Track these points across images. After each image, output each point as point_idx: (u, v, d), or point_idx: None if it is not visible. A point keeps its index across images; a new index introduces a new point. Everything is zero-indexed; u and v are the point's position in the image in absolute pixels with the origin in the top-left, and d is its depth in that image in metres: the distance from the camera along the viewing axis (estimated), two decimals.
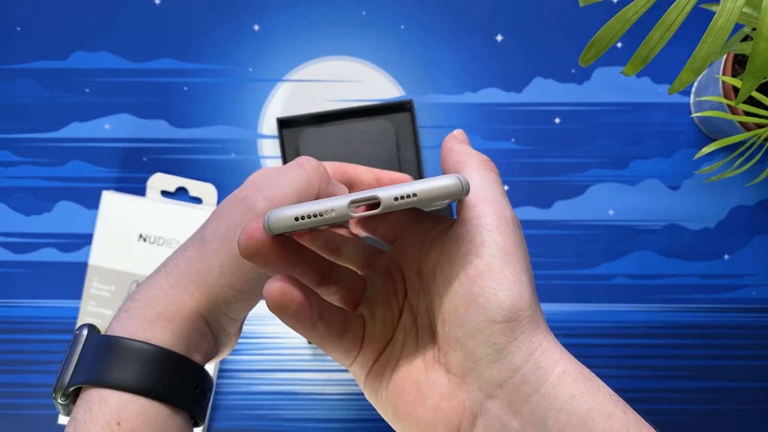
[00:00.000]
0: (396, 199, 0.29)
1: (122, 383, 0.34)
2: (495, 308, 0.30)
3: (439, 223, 0.35)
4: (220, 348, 0.40)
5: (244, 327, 0.65)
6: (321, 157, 0.62)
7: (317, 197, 0.38)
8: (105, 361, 0.35)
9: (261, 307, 0.65)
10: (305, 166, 0.38)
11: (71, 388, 0.35)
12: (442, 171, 0.38)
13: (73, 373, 0.35)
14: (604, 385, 0.31)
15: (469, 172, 0.35)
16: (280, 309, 0.30)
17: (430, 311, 0.34)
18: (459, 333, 0.31)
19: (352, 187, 0.43)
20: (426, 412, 0.32)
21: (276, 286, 0.30)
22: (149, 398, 0.34)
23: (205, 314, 0.37)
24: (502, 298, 0.30)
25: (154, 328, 0.35)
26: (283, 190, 0.37)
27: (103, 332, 0.36)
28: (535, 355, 0.30)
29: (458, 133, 0.38)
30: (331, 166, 0.42)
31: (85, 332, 0.36)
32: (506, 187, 0.65)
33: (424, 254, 0.35)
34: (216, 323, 0.38)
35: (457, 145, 0.37)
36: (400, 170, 0.64)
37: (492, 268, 0.31)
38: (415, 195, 0.29)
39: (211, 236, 0.37)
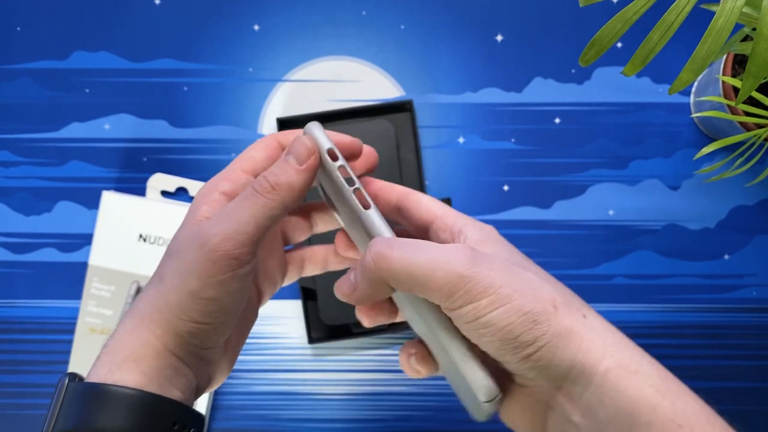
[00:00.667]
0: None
1: (92, 426, 0.34)
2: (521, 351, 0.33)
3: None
4: (210, 378, 0.39)
5: None
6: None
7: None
8: (75, 407, 0.35)
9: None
10: (259, 188, 0.36)
11: None
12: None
13: (54, 423, 0.35)
14: (657, 373, 0.34)
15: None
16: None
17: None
18: (510, 367, 0.35)
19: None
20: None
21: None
22: None
23: (174, 350, 0.36)
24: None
25: (122, 370, 0.35)
26: (238, 221, 0.35)
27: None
28: (578, 359, 0.33)
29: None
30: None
31: (65, 381, 0.36)
32: (506, 188, 0.65)
33: None
34: (189, 356, 0.37)
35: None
36: (400, 170, 0.64)
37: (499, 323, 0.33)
38: None
39: (168, 275, 0.36)
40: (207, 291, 0.35)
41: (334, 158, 0.37)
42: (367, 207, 0.36)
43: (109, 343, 0.36)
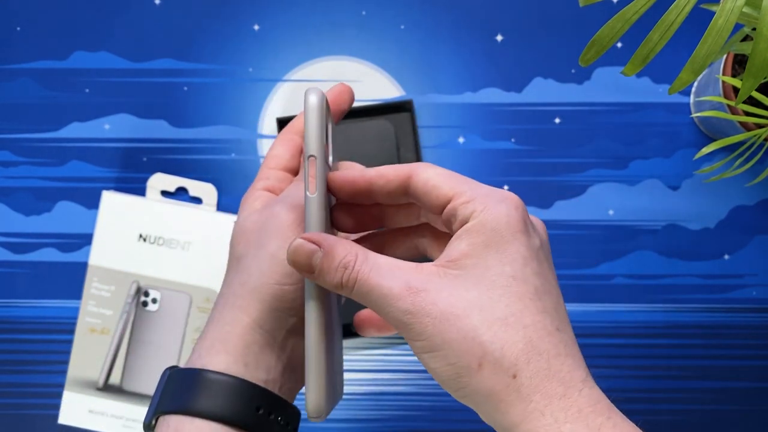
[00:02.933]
0: None
1: (179, 409, 0.35)
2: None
3: None
4: (294, 364, 0.39)
5: None
6: None
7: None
8: (165, 391, 0.37)
9: None
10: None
11: (149, 422, 0.37)
12: None
13: (148, 409, 0.38)
14: None
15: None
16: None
17: None
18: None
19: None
20: None
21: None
22: (208, 420, 0.35)
23: (260, 321, 0.37)
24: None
25: (210, 354, 0.36)
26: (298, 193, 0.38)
27: None
28: (496, 419, 0.32)
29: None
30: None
31: (168, 372, 0.38)
32: (506, 188, 0.65)
33: None
34: (278, 326, 0.37)
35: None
36: None
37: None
38: None
39: (242, 250, 0.38)
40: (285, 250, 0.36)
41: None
42: (312, 192, 0.35)
43: (203, 329, 0.38)
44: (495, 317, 0.32)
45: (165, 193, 0.66)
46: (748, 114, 0.57)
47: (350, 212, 0.38)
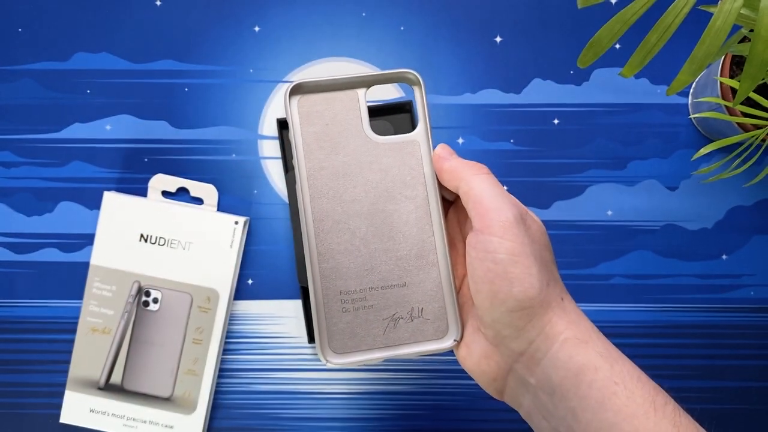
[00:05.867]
0: None
1: None
2: (511, 302, 0.40)
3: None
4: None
5: (243, 326, 0.65)
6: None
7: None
8: None
9: (260, 307, 0.66)
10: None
11: None
12: (439, 187, 0.46)
13: None
14: (602, 345, 0.40)
15: (467, 183, 0.42)
16: None
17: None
18: (488, 318, 0.41)
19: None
20: (472, 365, 0.43)
21: None
22: None
23: None
24: (516, 293, 0.40)
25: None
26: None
27: None
28: (545, 329, 0.40)
29: (441, 150, 0.45)
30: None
31: None
32: (505, 188, 0.66)
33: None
34: None
35: (446, 162, 0.44)
36: None
37: (505, 270, 0.40)
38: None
39: None
40: None
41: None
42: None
43: None
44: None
45: (166, 194, 0.66)
46: (745, 115, 0.57)
47: None
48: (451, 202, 0.48)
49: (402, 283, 0.45)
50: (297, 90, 0.45)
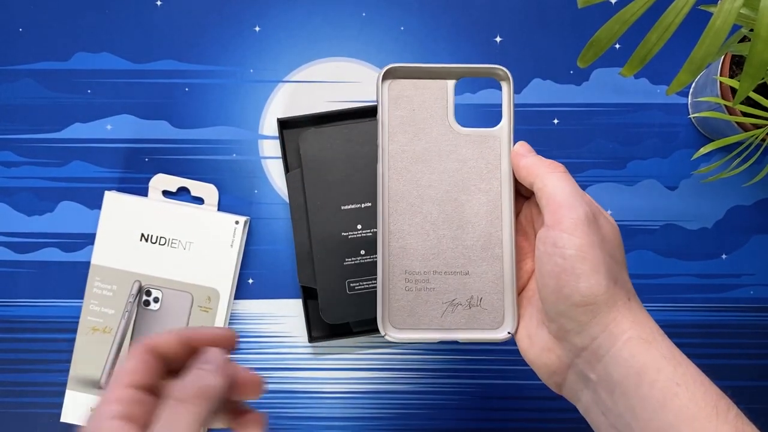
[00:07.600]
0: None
1: None
2: (577, 297, 0.40)
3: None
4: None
5: (244, 325, 0.65)
6: (321, 158, 0.62)
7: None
8: None
9: (260, 306, 0.66)
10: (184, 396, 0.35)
11: None
12: (516, 183, 0.47)
13: None
14: (666, 347, 0.41)
15: (541, 180, 0.43)
16: None
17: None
18: (553, 312, 0.42)
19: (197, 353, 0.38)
20: (534, 356, 0.44)
21: None
22: None
23: None
24: (582, 289, 0.40)
25: None
26: None
27: None
28: (609, 327, 0.40)
29: (520, 147, 0.47)
30: (175, 340, 0.38)
31: None
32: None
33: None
34: None
35: (524, 159, 0.46)
36: None
37: (573, 266, 0.40)
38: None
39: None
40: None
41: None
42: None
43: None
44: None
45: (167, 193, 0.66)
46: (745, 114, 0.57)
47: None
48: (526, 198, 0.48)
49: (465, 272, 0.46)
50: (390, 74, 0.47)
